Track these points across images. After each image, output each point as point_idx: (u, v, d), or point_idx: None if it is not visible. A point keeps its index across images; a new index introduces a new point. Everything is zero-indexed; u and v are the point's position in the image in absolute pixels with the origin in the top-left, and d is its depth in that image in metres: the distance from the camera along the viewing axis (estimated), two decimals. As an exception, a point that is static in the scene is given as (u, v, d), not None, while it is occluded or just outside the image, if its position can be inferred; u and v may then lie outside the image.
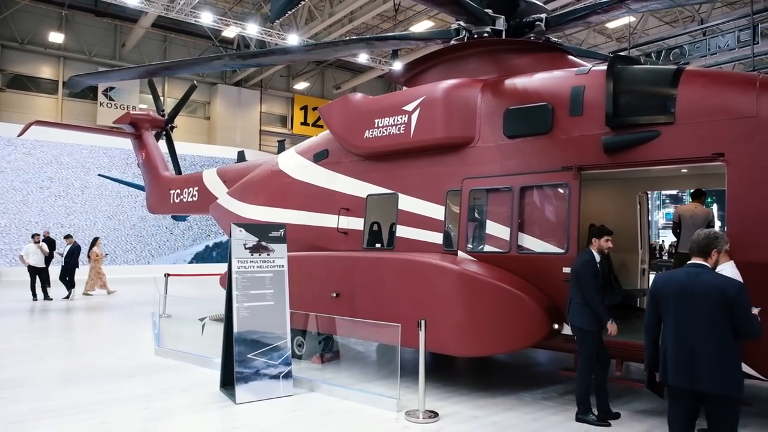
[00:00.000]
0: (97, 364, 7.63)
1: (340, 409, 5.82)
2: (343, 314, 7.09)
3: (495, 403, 6.07)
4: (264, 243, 6.57)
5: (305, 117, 34.61)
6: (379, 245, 7.68)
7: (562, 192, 6.09)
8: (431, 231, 6.96)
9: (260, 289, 6.43)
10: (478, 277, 6.12)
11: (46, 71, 27.03)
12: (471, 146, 6.80)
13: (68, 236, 16.00)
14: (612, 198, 7.99)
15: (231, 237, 6.48)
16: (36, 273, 14.45)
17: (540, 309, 5.88)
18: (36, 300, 14.30)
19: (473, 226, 6.78)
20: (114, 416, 5.46)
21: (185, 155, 21.73)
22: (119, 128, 16.11)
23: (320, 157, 8.51)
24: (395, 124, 7.23)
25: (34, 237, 15.05)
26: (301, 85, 34.28)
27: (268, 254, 6.58)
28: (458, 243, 6.71)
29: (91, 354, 8.37)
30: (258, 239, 6.54)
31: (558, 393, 6.53)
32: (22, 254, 14.59)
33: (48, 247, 15.10)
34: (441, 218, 6.91)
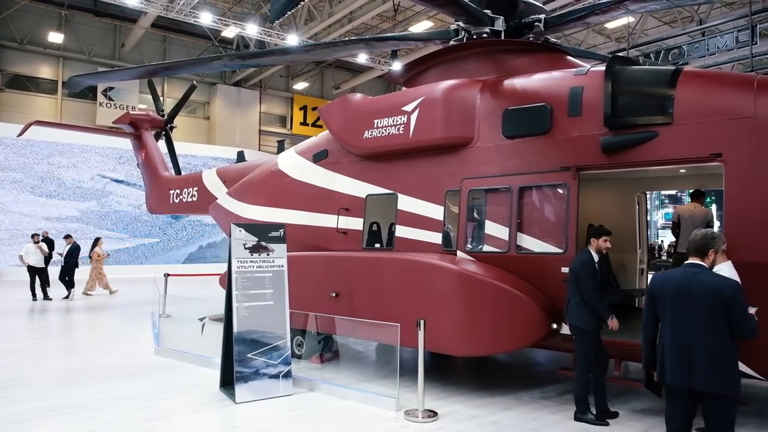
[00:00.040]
0: (97, 364, 7.65)
1: (340, 409, 5.84)
2: (343, 314, 7.11)
3: (494, 403, 6.09)
4: (264, 243, 6.59)
5: (304, 117, 34.63)
6: (379, 245, 7.71)
7: (561, 192, 6.11)
8: (430, 231, 6.98)
9: (260, 289, 6.45)
10: (477, 277, 6.14)
11: (46, 71, 27.03)
12: (470, 146, 6.82)
13: (68, 236, 15.99)
14: (610, 198, 8.02)
15: (231, 237, 6.50)
16: (35, 273, 14.47)
17: (539, 309, 5.90)
18: (35, 300, 14.30)
19: (472, 226, 6.80)
20: (114, 416, 5.48)
21: (185, 155, 21.71)
22: (119, 128, 16.12)
23: (320, 158, 8.53)
24: (394, 125, 7.25)
25: (34, 237, 15.07)
26: (301, 85, 34.30)
27: (268, 254, 6.60)
28: (457, 243, 6.73)
29: (91, 354, 8.38)
30: (258, 239, 6.55)
31: (556, 392, 6.55)
32: (22, 254, 14.61)
33: (47, 248, 15.12)
34: (440, 218, 6.92)
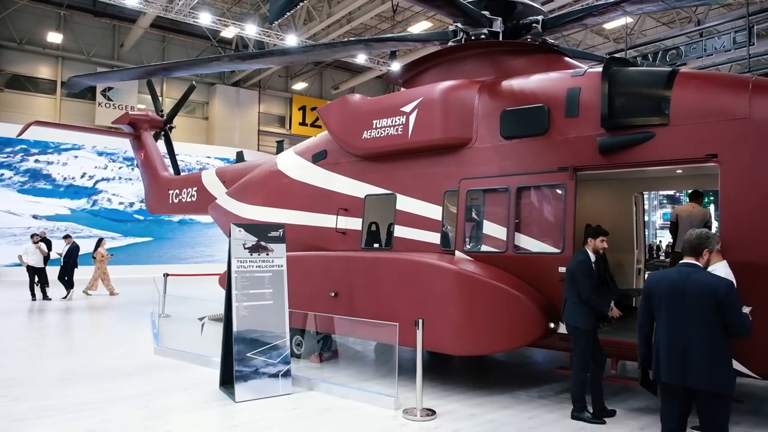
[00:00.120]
0: (97, 364, 7.68)
1: (339, 407, 5.87)
2: (342, 314, 7.14)
3: (491, 401, 6.13)
4: (263, 243, 6.62)
5: (303, 117, 34.61)
6: (377, 245, 7.75)
7: (558, 192, 6.15)
8: (429, 231, 7.02)
9: (259, 289, 6.48)
10: (475, 277, 6.18)
11: (45, 71, 27.00)
12: (468, 147, 6.86)
13: (67, 236, 16.02)
14: (608, 198, 8.05)
15: (230, 237, 6.53)
16: (34, 273, 14.49)
17: (536, 308, 5.94)
18: (35, 300, 14.32)
19: (470, 226, 6.84)
20: (114, 415, 5.51)
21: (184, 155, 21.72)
22: (118, 128, 16.13)
23: (319, 158, 8.56)
24: (393, 125, 7.29)
25: (33, 237, 15.09)
26: (300, 86, 34.29)
27: (267, 254, 6.64)
28: (456, 243, 6.77)
29: (91, 353, 8.41)
30: (257, 239, 6.59)
31: (554, 391, 6.59)
32: (21, 254, 14.63)
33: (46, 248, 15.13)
34: (438, 218, 6.96)
